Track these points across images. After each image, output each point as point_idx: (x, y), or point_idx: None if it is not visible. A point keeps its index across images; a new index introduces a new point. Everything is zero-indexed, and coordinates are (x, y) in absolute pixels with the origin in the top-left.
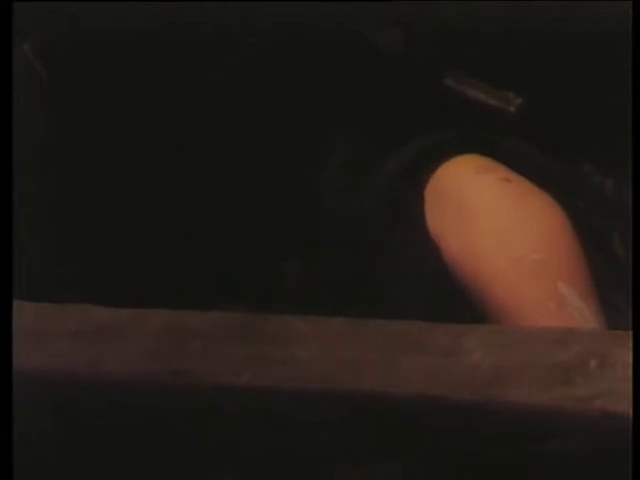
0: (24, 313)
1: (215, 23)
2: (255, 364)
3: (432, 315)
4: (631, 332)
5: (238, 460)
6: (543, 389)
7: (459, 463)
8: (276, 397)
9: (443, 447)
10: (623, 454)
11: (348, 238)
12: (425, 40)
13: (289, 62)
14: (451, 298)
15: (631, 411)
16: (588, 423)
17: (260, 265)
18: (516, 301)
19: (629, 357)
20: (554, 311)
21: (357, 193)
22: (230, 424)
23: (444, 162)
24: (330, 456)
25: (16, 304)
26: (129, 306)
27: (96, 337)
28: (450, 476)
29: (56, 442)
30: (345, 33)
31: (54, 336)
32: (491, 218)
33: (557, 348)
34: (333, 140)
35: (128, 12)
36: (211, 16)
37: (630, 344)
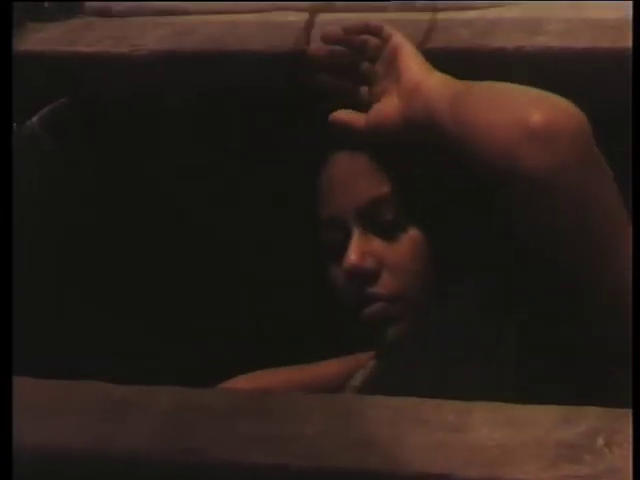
0: (30, 389)
1: (214, 82)
2: (263, 441)
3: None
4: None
5: None
6: (550, 467)
7: None
8: (284, 475)
9: None
10: None
11: None
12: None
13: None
14: None
15: None
16: None
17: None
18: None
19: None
20: None
21: None
22: None
23: None
24: None
25: (21, 380)
26: (136, 382)
27: (104, 414)
28: None
29: None
30: None
31: (62, 413)
32: None
33: (564, 426)
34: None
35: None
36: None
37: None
